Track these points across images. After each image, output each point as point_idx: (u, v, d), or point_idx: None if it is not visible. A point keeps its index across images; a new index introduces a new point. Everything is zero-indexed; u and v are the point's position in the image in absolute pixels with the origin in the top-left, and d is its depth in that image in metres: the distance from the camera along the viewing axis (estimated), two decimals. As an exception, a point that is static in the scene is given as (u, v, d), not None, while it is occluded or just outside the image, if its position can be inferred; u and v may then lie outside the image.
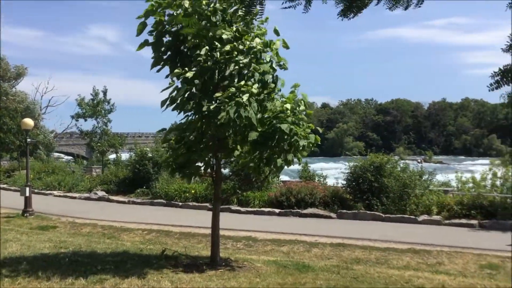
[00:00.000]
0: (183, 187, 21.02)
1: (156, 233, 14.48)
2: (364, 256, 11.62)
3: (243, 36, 8.61)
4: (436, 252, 11.88)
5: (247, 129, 8.18)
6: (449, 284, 8.69)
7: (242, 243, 13.12)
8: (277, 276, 8.41)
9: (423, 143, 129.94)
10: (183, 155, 8.74)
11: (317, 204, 18.38)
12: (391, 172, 18.20)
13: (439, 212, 16.97)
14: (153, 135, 72.31)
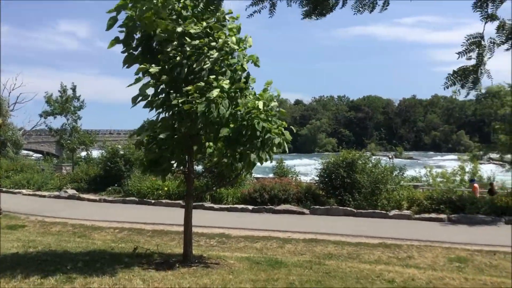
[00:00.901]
0: (155, 185, 20.83)
1: (128, 231, 14.32)
2: (337, 251, 11.75)
3: (215, 33, 8.57)
4: (407, 246, 12.10)
5: (218, 126, 8.15)
6: (418, 277, 8.85)
7: (215, 240, 13.10)
8: (250, 273, 8.41)
9: (394, 139, 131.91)
10: (155, 152, 8.64)
11: (291, 200, 18.49)
12: (363, 168, 18.46)
13: (410, 207, 17.30)
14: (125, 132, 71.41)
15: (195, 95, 7.85)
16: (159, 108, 8.53)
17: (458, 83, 5.14)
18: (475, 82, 5.16)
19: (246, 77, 8.96)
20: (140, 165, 9.55)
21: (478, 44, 5.02)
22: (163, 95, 8.32)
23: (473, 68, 5.10)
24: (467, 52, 5.03)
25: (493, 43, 5.00)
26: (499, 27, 4.96)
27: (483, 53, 5.03)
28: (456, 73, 5.12)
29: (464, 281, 8.79)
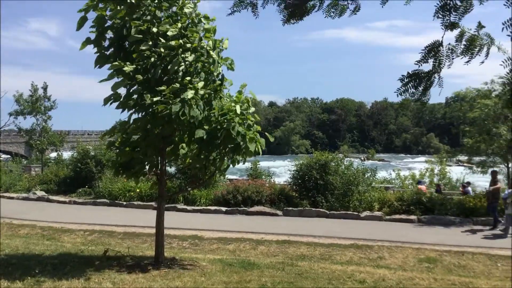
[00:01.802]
0: (127, 186, 20.55)
1: (99, 234, 14.09)
2: (309, 252, 11.82)
3: (192, 34, 8.52)
4: (378, 247, 12.26)
5: (193, 127, 8.10)
6: (389, 278, 8.99)
7: (188, 242, 13.01)
8: (222, 275, 8.39)
9: (366, 141, 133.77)
10: (128, 154, 8.53)
11: (264, 202, 18.51)
12: (336, 169, 18.63)
13: (381, 208, 17.53)
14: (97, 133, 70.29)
15: (169, 95, 7.80)
16: (131, 109, 8.43)
17: (411, 89, 5.21)
18: (426, 88, 5.24)
19: (221, 79, 8.95)
20: (112, 167, 9.43)
21: (436, 51, 5.11)
22: (135, 96, 8.22)
23: (427, 74, 5.19)
24: (425, 59, 5.12)
25: (451, 51, 5.09)
26: (459, 36, 5.05)
27: (441, 60, 5.12)
28: (410, 76, 5.20)
29: (433, 281, 8.97)
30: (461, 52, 5.02)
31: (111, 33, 8.66)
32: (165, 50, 8.12)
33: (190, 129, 8.22)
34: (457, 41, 5.05)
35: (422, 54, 5.11)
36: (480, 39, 4.92)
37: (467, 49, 4.98)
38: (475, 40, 4.91)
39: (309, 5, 5.68)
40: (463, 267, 10.55)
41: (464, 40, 5.00)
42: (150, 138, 8.46)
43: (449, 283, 8.84)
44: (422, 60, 5.12)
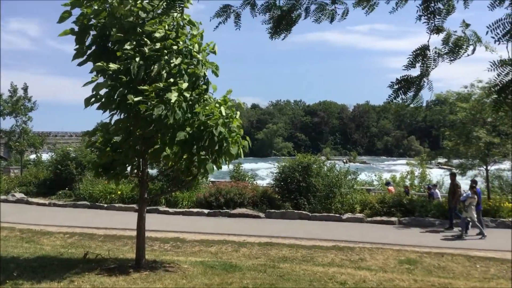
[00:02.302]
0: (108, 188, 20.34)
1: (79, 236, 13.91)
2: (291, 254, 11.84)
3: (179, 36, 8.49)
4: (359, 248, 12.34)
5: (175, 129, 8.06)
6: (370, 279, 9.06)
7: (169, 245, 12.93)
8: (204, 277, 8.36)
9: (348, 144, 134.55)
10: (109, 156, 8.45)
11: (246, 204, 18.51)
12: (318, 172, 18.72)
13: (362, 210, 17.65)
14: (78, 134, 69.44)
15: (152, 95, 7.74)
16: (113, 110, 8.35)
17: (401, 94, 5.26)
18: (417, 92, 5.31)
19: (205, 83, 8.93)
20: (92, 168, 9.32)
21: (423, 55, 5.18)
22: (117, 97, 8.13)
23: (416, 78, 5.25)
24: (413, 64, 5.18)
25: (438, 54, 5.16)
26: (445, 39, 5.12)
27: (428, 64, 5.18)
28: (399, 82, 5.25)
29: (413, 282, 9.06)
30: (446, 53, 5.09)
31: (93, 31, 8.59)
32: (150, 51, 8.07)
33: (172, 130, 8.17)
34: (443, 44, 5.11)
35: (409, 59, 5.16)
36: (466, 39, 4.99)
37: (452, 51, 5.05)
38: (461, 41, 4.98)
39: (294, 15, 5.70)
40: (443, 268, 10.67)
41: (450, 42, 5.07)
42: (131, 139, 8.40)
43: (428, 284, 8.94)
44: (410, 65, 5.17)
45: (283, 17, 5.65)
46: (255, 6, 5.65)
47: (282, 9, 5.63)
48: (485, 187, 18.80)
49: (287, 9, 5.62)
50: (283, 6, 5.64)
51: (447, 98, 19.20)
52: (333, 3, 5.63)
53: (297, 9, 5.66)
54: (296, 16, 5.70)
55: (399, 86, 5.24)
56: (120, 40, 8.18)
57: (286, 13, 5.64)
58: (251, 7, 5.65)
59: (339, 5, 5.64)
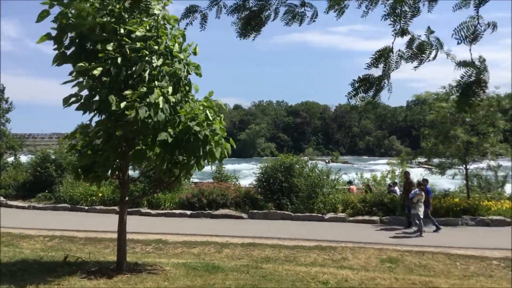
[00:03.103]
0: (89, 191, 20.12)
1: (59, 239, 13.72)
2: (274, 254, 11.85)
3: (160, 36, 8.43)
4: (341, 248, 12.41)
5: (157, 130, 8.00)
6: (352, 278, 9.12)
7: (151, 247, 12.83)
8: (186, 279, 8.31)
9: (330, 144, 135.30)
10: (89, 158, 8.35)
11: (229, 205, 18.49)
12: (300, 172, 18.79)
13: (344, 210, 17.78)
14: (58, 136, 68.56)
15: (135, 98, 7.67)
16: (93, 111, 8.24)
17: (361, 93, 5.32)
18: (376, 93, 5.37)
19: (188, 84, 8.89)
20: (72, 171, 9.19)
21: (386, 56, 5.24)
22: (103, 97, 7.98)
23: (377, 79, 5.31)
24: (375, 64, 5.23)
25: (400, 57, 5.23)
26: (409, 42, 5.20)
27: (390, 65, 5.25)
28: (361, 80, 5.30)
29: (394, 281, 9.14)
30: (409, 57, 5.16)
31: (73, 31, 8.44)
32: (131, 52, 7.99)
33: (154, 132, 8.11)
34: (407, 48, 5.18)
35: (372, 58, 5.21)
36: (429, 45, 5.07)
37: (415, 55, 5.12)
38: (424, 46, 5.06)
39: (264, 16, 5.72)
40: (424, 266, 10.79)
41: (414, 46, 5.14)
42: (112, 141, 8.31)
43: (409, 282, 9.02)
44: (372, 64, 5.22)
45: (252, 17, 5.67)
46: (221, 7, 5.67)
47: (251, 10, 5.65)
48: (464, 185, 19.08)
49: (257, 10, 5.64)
50: (252, 7, 5.66)
51: (426, 99, 19.44)
52: (302, 6, 5.67)
53: (266, 10, 5.68)
54: (265, 17, 5.72)
55: (359, 84, 5.29)
56: (101, 40, 8.08)
57: (255, 14, 5.65)
58: (218, 8, 5.65)
59: (308, 8, 5.68)
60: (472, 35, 4.81)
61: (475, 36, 4.82)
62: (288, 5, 5.71)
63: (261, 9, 5.70)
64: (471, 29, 4.81)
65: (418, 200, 14.79)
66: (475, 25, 4.81)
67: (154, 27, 8.56)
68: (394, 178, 20.91)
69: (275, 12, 5.74)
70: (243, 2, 5.68)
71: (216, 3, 5.70)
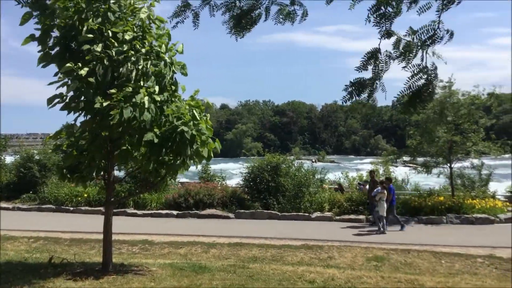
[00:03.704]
0: (74, 191, 19.92)
1: (44, 241, 13.56)
2: (261, 254, 11.86)
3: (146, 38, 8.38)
4: (328, 247, 12.47)
5: (143, 130, 7.96)
6: (338, 277, 9.17)
7: (138, 247, 12.76)
8: (173, 279, 8.29)
9: (317, 143, 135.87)
10: (74, 157, 8.27)
11: (216, 204, 18.47)
12: (287, 171, 18.83)
13: (331, 209, 17.87)
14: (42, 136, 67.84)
15: (119, 98, 7.62)
16: (78, 111, 8.17)
17: (355, 96, 5.39)
18: (370, 94, 5.44)
19: (174, 83, 8.85)
20: (57, 171, 9.09)
21: (375, 58, 5.31)
22: (89, 98, 7.91)
23: (370, 81, 5.37)
24: (365, 66, 5.30)
25: (389, 57, 5.30)
26: (396, 43, 5.27)
27: (380, 67, 5.32)
28: (353, 84, 5.36)
29: (380, 279, 9.21)
30: (397, 57, 5.24)
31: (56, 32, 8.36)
32: (117, 53, 7.93)
33: (140, 132, 8.07)
34: (394, 48, 5.25)
35: (362, 61, 5.28)
36: (415, 45, 5.15)
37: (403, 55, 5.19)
38: (411, 46, 5.13)
39: (255, 15, 5.74)
40: (409, 264, 10.89)
41: (401, 47, 5.22)
42: (98, 141, 8.25)
43: (395, 280, 9.10)
44: (362, 67, 5.29)
45: (243, 16, 5.69)
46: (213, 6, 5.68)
47: (242, 8, 5.67)
48: (449, 184, 19.29)
49: (247, 9, 5.66)
50: (243, 6, 5.68)
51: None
52: (292, 4, 5.71)
53: (256, 9, 5.71)
54: (256, 16, 5.75)
55: (352, 88, 5.35)
56: (87, 41, 8.00)
57: (245, 12, 5.68)
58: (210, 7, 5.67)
59: (298, 7, 5.72)
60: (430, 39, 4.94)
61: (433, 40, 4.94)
62: (278, 3, 5.75)
63: (252, 8, 5.72)
64: (430, 33, 4.93)
65: (380, 199, 15.08)
66: (435, 29, 4.94)
67: (140, 27, 8.51)
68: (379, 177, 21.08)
69: (266, 11, 5.76)
70: (234, 1, 5.70)
71: (208, 2, 5.70)
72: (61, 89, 7.93)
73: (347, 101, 5.41)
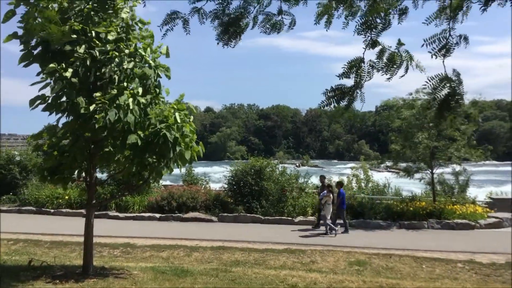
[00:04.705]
0: (55, 193, 19.67)
1: (24, 243, 13.35)
2: (244, 258, 11.84)
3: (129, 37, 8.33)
4: (310, 251, 12.50)
5: (126, 133, 7.90)
6: (320, 281, 9.20)
7: (119, 250, 12.63)
8: (154, 283, 8.22)
9: (301, 148, 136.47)
10: (55, 158, 8.17)
11: (199, 208, 18.40)
12: (271, 175, 18.84)
13: (314, 213, 17.90)
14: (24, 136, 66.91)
15: (103, 100, 7.55)
16: (60, 112, 8.07)
17: (333, 102, 5.41)
18: (349, 103, 5.47)
19: (157, 86, 8.81)
20: (38, 173, 8.97)
21: (358, 67, 5.34)
22: (73, 99, 7.81)
23: (349, 89, 5.40)
24: (346, 74, 5.33)
25: (372, 67, 5.33)
26: (380, 53, 5.30)
27: (362, 76, 5.35)
28: (333, 90, 5.38)
29: (362, 283, 9.26)
30: (381, 68, 5.27)
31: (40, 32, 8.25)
32: (100, 54, 7.87)
33: (123, 134, 8.01)
34: (378, 58, 5.28)
35: (344, 69, 5.30)
36: (399, 57, 5.17)
37: (387, 66, 5.22)
38: (395, 58, 5.16)
39: (243, 24, 5.75)
40: (391, 269, 10.97)
41: (385, 57, 5.24)
42: (80, 142, 8.16)
43: (377, 285, 9.16)
44: (344, 75, 5.31)
45: (231, 23, 5.70)
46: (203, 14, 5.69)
47: (231, 16, 5.68)
48: (430, 190, 19.51)
49: (235, 17, 5.68)
50: (231, 14, 5.70)
51: (394, 104, 19.81)
52: (279, 14, 5.73)
53: (245, 18, 5.72)
54: (245, 25, 5.76)
55: (332, 94, 5.37)
56: (70, 41, 7.92)
57: (234, 20, 5.69)
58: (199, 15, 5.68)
59: (286, 16, 5.75)
60: (444, 48, 4.91)
61: (447, 49, 4.92)
62: (266, 13, 5.76)
63: (240, 16, 5.73)
64: (442, 42, 4.90)
65: (326, 202, 15.34)
66: (447, 37, 4.91)
67: (123, 28, 8.47)
68: (360, 182, 21.25)
69: (253, 20, 5.78)
70: (223, 8, 5.71)
71: (197, 10, 5.71)
72: (44, 90, 7.83)
73: (325, 107, 5.42)
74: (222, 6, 5.68)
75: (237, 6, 5.69)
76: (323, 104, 5.38)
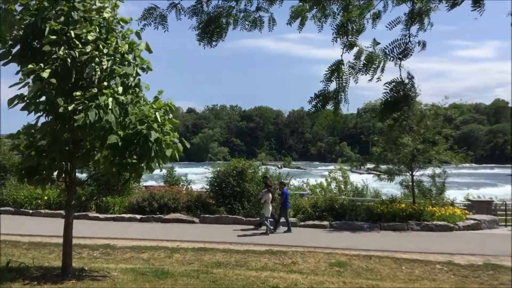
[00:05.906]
0: (34, 194, 19.38)
1: (1, 244, 13.10)
2: (225, 259, 11.81)
3: (108, 37, 8.24)
4: (292, 252, 12.54)
5: (106, 133, 7.82)
6: (301, 282, 9.23)
7: (99, 252, 12.49)
8: (134, 284, 8.16)
9: (283, 149, 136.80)
10: (33, 159, 8.05)
11: (180, 209, 18.32)
12: (252, 177, 18.84)
13: (296, 215, 18.00)
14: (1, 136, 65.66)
15: (83, 100, 7.47)
16: (38, 111, 7.95)
17: (320, 108, 5.49)
18: (336, 107, 5.54)
19: (137, 85, 8.73)
20: (16, 173, 8.82)
21: (338, 71, 5.42)
22: (51, 99, 7.69)
23: (333, 93, 5.48)
24: (329, 79, 5.40)
25: (352, 68, 5.42)
26: (357, 54, 5.39)
27: (344, 79, 5.43)
28: (318, 96, 5.45)
29: (342, 284, 9.33)
30: (359, 69, 5.35)
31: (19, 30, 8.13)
32: (80, 54, 7.77)
33: (103, 134, 7.93)
34: (355, 59, 5.37)
35: (326, 74, 5.36)
36: (377, 56, 5.27)
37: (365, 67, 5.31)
38: (373, 58, 5.25)
39: (223, 23, 5.77)
40: (371, 270, 11.06)
41: (362, 58, 5.33)
42: (59, 143, 8.06)
43: (357, 286, 9.23)
44: (326, 80, 5.38)
45: (210, 22, 5.70)
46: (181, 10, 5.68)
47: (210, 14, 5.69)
48: (409, 191, 19.75)
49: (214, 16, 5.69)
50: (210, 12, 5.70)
51: (375, 107, 20.01)
52: (258, 10, 5.77)
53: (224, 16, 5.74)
54: (225, 24, 5.77)
55: (317, 100, 5.44)
56: (50, 42, 7.79)
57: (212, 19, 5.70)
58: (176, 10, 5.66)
59: (263, 13, 5.78)
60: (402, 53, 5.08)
61: (405, 53, 5.08)
62: (243, 10, 5.79)
63: (219, 15, 5.73)
64: (402, 47, 5.07)
65: (266, 201, 15.68)
66: (406, 43, 5.08)
67: (104, 27, 8.38)
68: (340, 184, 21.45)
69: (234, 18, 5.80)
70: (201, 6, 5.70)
71: (174, 5, 5.69)
72: (22, 89, 7.71)
73: (313, 114, 5.49)
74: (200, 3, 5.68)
75: (215, 5, 5.71)
76: (311, 111, 5.45)
